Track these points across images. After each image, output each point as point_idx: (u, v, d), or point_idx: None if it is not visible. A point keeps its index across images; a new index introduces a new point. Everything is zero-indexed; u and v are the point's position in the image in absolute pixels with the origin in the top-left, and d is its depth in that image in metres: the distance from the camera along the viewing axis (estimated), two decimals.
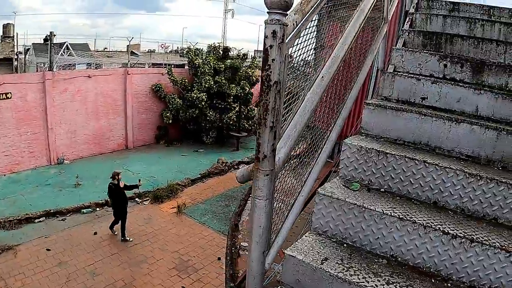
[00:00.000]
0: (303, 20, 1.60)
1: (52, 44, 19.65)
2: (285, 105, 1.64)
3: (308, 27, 1.75)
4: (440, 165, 2.31)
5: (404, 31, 4.04)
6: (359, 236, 2.23)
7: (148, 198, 14.03)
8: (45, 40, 23.62)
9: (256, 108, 23.02)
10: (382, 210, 2.15)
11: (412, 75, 3.21)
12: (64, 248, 10.51)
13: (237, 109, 20.88)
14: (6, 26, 26.54)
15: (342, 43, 2.24)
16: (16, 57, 25.80)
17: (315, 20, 1.87)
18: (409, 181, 2.39)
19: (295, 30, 1.49)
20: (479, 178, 2.24)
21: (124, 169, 15.50)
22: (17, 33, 25.64)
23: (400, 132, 2.78)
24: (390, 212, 2.13)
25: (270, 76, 1.35)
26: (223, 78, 20.37)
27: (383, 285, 1.91)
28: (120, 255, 10.34)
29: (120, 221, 11.17)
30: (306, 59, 1.91)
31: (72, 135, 17.82)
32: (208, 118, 20.16)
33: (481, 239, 1.97)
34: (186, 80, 20.84)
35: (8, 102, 15.30)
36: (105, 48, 37.68)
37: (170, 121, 20.50)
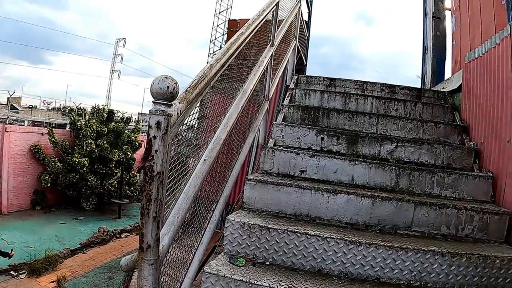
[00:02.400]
0: (188, 108, 1.61)
1: None
2: (167, 192, 1.60)
3: (191, 113, 1.77)
4: (321, 235, 2.41)
5: (284, 106, 4.21)
6: None
7: (24, 271, 12.48)
8: None
9: (138, 174, 22.33)
10: (269, 285, 2.14)
11: (292, 149, 3.38)
12: None
13: (119, 175, 20.14)
14: None
15: (225, 124, 2.33)
16: None
17: (198, 106, 1.91)
18: (293, 253, 2.44)
19: (179, 118, 1.49)
20: (358, 244, 2.38)
21: None
22: None
23: (281, 206, 2.86)
24: (277, 285, 2.14)
25: (153, 167, 1.33)
26: (105, 142, 19.73)
27: None
28: None
29: None
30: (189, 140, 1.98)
31: None
32: (89, 183, 18.99)
33: None
34: (67, 143, 19.62)
35: None
36: None
37: (49, 185, 18.81)
